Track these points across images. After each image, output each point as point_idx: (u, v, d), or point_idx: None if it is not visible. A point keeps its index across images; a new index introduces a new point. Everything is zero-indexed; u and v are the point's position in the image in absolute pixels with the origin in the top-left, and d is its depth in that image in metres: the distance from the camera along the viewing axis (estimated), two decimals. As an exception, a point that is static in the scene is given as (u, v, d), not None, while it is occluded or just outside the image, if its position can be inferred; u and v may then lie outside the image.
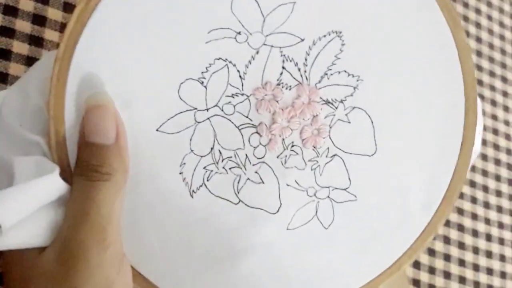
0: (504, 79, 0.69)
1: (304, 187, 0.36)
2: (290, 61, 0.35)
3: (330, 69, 0.36)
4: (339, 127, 0.36)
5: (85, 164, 0.32)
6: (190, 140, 0.34)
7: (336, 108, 0.36)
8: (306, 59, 0.35)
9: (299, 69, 0.35)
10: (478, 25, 0.68)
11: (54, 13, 0.46)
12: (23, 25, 0.45)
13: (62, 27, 0.46)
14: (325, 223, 0.37)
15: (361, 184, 0.37)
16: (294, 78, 0.35)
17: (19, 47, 0.44)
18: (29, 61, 0.44)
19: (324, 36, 0.35)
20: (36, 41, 0.45)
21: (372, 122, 0.37)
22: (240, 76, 0.35)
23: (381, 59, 0.36)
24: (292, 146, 0.36)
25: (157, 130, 0.34)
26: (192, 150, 0.34)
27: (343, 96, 0.36)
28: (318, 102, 0.36)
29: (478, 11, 0.69)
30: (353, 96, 0.36)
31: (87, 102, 0.32)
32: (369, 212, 0.37)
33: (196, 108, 0.34)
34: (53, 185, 0.31)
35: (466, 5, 0.68)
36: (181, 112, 0.34)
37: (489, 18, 0.70)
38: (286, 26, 0.35)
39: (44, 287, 0.31)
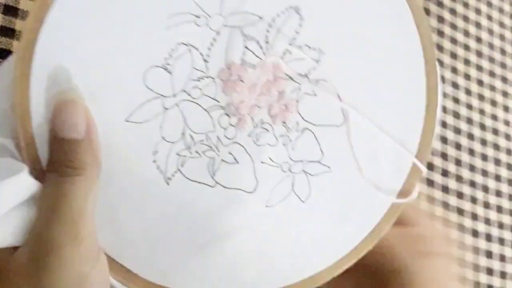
0: (504, 79, 0.70)
1: (278, 163, 0.37)
2: (251, 40, 0.35)
3: (291, 45, 0.36)
4: (306, 101, 0.37)
5: (57, 160, 0.32)
6: (160, 127, 0.34)
7: (301, 82, 0.37)
8: (266, 37, 0.36)
9: (261, 47, 0.36)
10: (478, 25, 0.69)
11: None
12: (23, 25, 0.44)
13: None
14: (302, 197, 0.37)
15: (333, 154, 0.37)
16: (257, 56, 0.36)
17: None
18: None
19: (282, 12, 0.36)
20: None
21: (337, 92, 0.37)
22: (203, 59, 0.35)
23: (340, 30, 0.37)
24: (262, 123, 0.36)
25: (126, 121, 0.34)
26: (163, 138, 0.34)
27: (307, 69, 0.37)
28: (282, 78, 0.36)
29: (478, 11, 0.70)
30: (316, 69, 0.37)
31: (55, 99, 0.32)
32: (343, 181, 0.38)
33: (163, 95, 0.34)
34: (23, 184, 0.31)
35: (466, 5, 0.68)
36: (148, 101, 0.34)
37: (489, 18, 0.71)
38: (244, 6, 0.35)
39: (17, 286, 0.30)
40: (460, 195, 0.61)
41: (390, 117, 0.38)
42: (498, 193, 0.65)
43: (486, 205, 0.63)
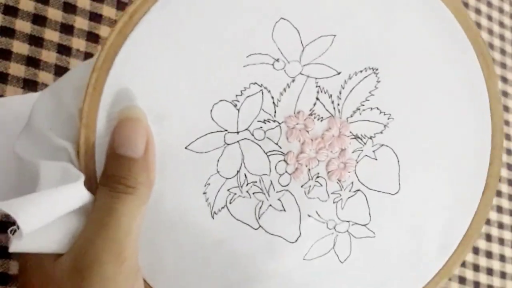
0: (504, 79, 0.69)
1: (324, 219, 0.36)
2: (325, 93, 0.35)
3: (363, 105, 0.36)
4: (365, 163, 0.36)
5: (111, 175, 0.32)
6: (218, 161, 0.34)
7: (365, 144, 0.36)
8: (340, 93, 0.35)
9: (332, 102, 0.35)
10: (478, 25, 0.68)
11: (54, 13, 0.46)
12: (23, 25, 0.45)
13: (62, 27, 0.46)
14: (341, 257, 0.37)
15: (381, 221, 0.37)
16: (326, 110, 0.35)
17: (19, 47, 0.44)
18: (29, 61, 0.44)
19: (361, 71, 0.35)
20: (36, 41, 0.45)
21: (398, 161, 0.37)
22: (273, 103, 0.35)
23: (414, 100, 0.36)
24: (317, 177, 0.36)
25: (185, 148, 0.34)
26: (218, 171, 0.34)
27: (373, 132, 0.36)
28: (347, 136, 0.36)
29: (478, 11, 0.69)
30: (382, 133, 0.36)
31: (120, 114, 0.32)
32: (385, 249, 0.37)
33: (226, 130, 0.34)
34: (76, 193, 0.31)
35: (466, 5, 0.68)
36: (211, 132, 0.34)
37: (489, 18, 0.70)
38: (324, 58, 0.35)
39: None
40: None
41: (445, 195, 0.38)
42: (498, 193, 0.64)
43: None
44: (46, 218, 0.30)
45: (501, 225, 0.63)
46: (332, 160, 0.36)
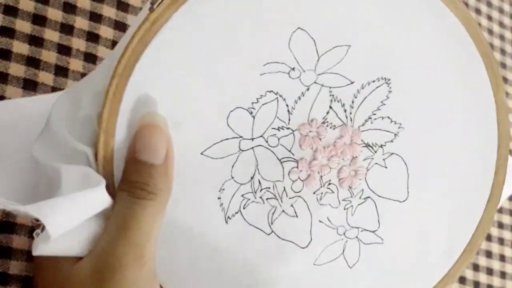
0: (504, 79, 0.69)
1: (335, 225, 0.37)
2: (338, 101, 0.36)
3: (375, 114, 0.37)
4: (375, 171, 0.37)
5: (131, 180, 0.32)
6: (232, 167, 0.35)
7: (375, 152, 0.37)
8: (353, 102, 0.36)
9: (345, 110, 0.36)
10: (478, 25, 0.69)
11: (54, 13, 0.46)
12: (23, 25, 0.45)
13: (62, 27, 0.46)
14: (350, 262, 0.38)
15: (389, 228, 0.38)
16: (339, 118, 0.36)
17: (19, 47, 0.44)
18: (29, 61, 0.44)
19: (373, 81, 0.36)
20: (36, 41, 0.45)
21: (407, 170, 0.38)
22: (288, 111, 0.35)
23: (424, 110, 0.37)
24: (329, 184, 0.37)
25: (201, 154, 0.34)
26: (232, 177, 0.35)
27: (384, 141, 0.37)
28: (359, 144, 0.37)
29: (478, 11, 0.69)
30: (393, 142, 0.37)
31: (142, 119, 0.32)
32: (392, 256, 0.38)
33: (242, 137, 0.35)
34: (99, 198, 0.31)
35: (466, 5, 0.68)
36: (227, 139, 0.35)
37: (489, 18, 0.70)
38: (338, 68, 0.36)
39: None
40: None
41: (451, 204, 0.39)
42: None
43: None
44: (72, 222, 0.30)
45: (501, 225, 0.63)
46: (343, 168, 0.37)
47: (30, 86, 0.44)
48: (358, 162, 0.37)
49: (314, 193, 0.36)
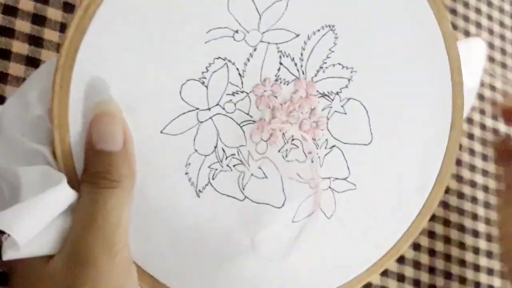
0: (504, 79, 0.70)
1: (306, 179, 0.37)
2: (287, 56, 0.36)
3: (325, 63, 0.37)
4: (336, 119, 0.37)
5: (93, 171, 0.32)
6: (194, 140, 0.35)
7: (332, 100, 0.37)
8: (302, 54, 0.36)
9: (295, 64, 0.36)
10: (478, 25, 0.69)
11: (54, 13, 0.45)
12: (23, 25, 0.44)
13: (62, 27, 0.45)
14: (327, 213, 0.38)
15: (360, 172, 0.38)
16: (291, 73, 0.36)
17: (19, 47, 0.44)
18: (29, 61, 0.44)
19: (318, 30, 0.36)
20: (36, 41, 0.44)
21: (367, 112, 0.38)
22: (239, 74, 0.35)
23: (373, 51, 0.37)
24: (292, 139, 0.37)
25: (161, 132, 0.34)
26: (196, 150, 0.35)
27: (339, 88, 0.37)
28: (315, 95, 0.37)
29: (478, 11, 0.69)
30: (348, 87, 0.37)
31: (94, 109, 0.32)
32: (367, 199, 0.38)
33: (198, 108, 0.34)
34: (62, 195, 0.31)
35: (466, 5, 0.68)
36: (183, 113, 0.34)
37: (490, 18, 0.70)
38: (282, 23, 0.35)
39: None
40: (460, 195, 0.61)
41: (415, 138, 0.39)
42: (499, 192, 0.64)
43: (486, 205, 0.63)
44: (39, 226, 0.30)
45: None
46: (304, 121, 0.37)
47: (30, 86, 0.44)
48: (317, 113, 0.37)
49: (279, 151, 0.36)
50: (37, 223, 0.29)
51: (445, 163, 0.40)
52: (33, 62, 0.44)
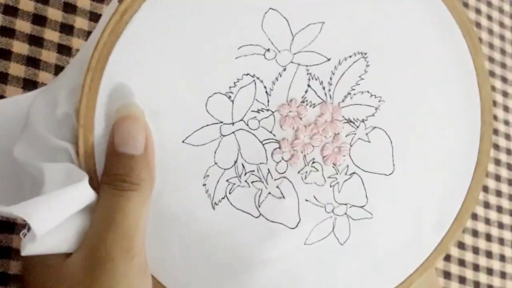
0: (504, 79, 0.69)
1: (322, 203, 0.37)
2: (316, 79, 0.36)
3: (354, 89, 0.37)
4: (359, 146, 0.37)
5: (113, 173, 0.32)
6: (215, 152, 0.35)
7: (357, 127, 0.37)
8: (331, 78, 0.36)
9: (323, 88, 0.36)
10: (478, 25, 0.69)
11: (54, 13, 0.46)
12: (23, 25, 0.45)
13: (62, 27, 0.46)
14: (341, 239, 0.38)
15: (377, 202, 0.38)
16: (318, 96, 0.36)
17: (19, 47, 0.44)
18: (29, 61, 0.44)
19: (350, 56, 0.36)
20: (36, 41, 0.45)
21: (391, 142, 0.38)
22: (266, 92, 0.35)
23: (403, 82, 0.37)
24: (313, 162, 0.37)
25: (183, 142, 0.34)
26: (216, 163, 0.35)
27: (365, 116, 0.37)
28: (340, 121, 0.37)
29: (478, 11, 0.69)
30: (374, 116, 0.37)
31: (118, 112, 0.33)
32: (383, 230, 0.38)
33: (222, 122, 0.35)
34: (83, 193, 0.31)
35: (466, 5, 0.68)
36: (207, 125, 0.35)
37: (489, 18, 0.70)
38: (314, 45, 0.35)
39: None
40: None
41: (438, 174, 0.39)
42: (498, 193, 0.65)
43: (486, 205, 0.63)
44: (57, 219, 0.30)
45: (501, 225, 0.63)
46: (326, 145, 0.37)
47: (30, 86, 0.45)
48: (340, 139, 0.37)
49: (298, 172, 0.36)
50: (55, 216, 0.30)
51: (466, 202, 0.39)
52: (33, 62, 0.44)
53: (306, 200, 0.37)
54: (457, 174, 0.39)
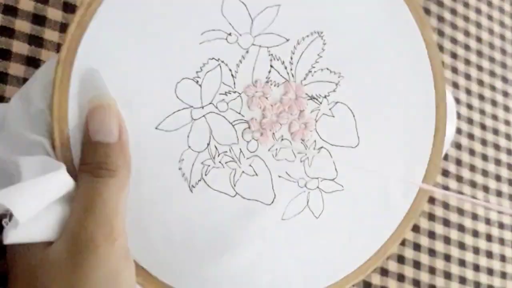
0: (504, 79, 0.70)
1: (295, 178, 0.38)
2: (277, 60, 0.38)
3: (314, 67, 0.38)
4: (324, 121, 0.39)
5: (90, 161, 0.33)
6: (188, 137, 0.36)
7: (321, 103, 0.39)
8: (291, 58, 0.38)
9: (285, 67, 0.38)
10: (478, 25, 0.70)
11: (54, 13, 0.46)
12: (23, 25, 0.45)
13: (62, 27, 0.46)
14: (316, 213, 0.39)
15: (347, 174, 0.39)
16: (281, 75, 0.38)
17: (19, 47, 0.44)
18: (29, 61, 0.45)
19: (307, 36, 0.38)
20: (36, 41, 0.45)
21: (353, 116, 0.39)
22: (232, 75, 0.37)
23: (359, 57, 0.39)
24: (282, 139, 0.38)
25: (156, 128, 0.35)
26: (189, 146, 0.36)
27: (327, 92, 0.39)
28: (304, 98, 0.38)
29: (478, 11, 0.70)
30: (335, 91, 0.39)
31: (91, 102, 0.33)
32: (355, 200, 0.40)
33: (192, 106, 0.36)
34: (61, 180, 0.32)
35: (466, 5, 0.69)
36: (178, 110, 0.36)
37: (490, 18, 0.71)
38: (272, 27, 0.37)
39: (53, 279, 0.31)
40: (460, 195, 0.61)
41: (401, 143, 0.41)
42: (498, 193, 0.65)
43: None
44: (38, 206, 0.31)
45: (501, 225, 0.64)
46: (293, 122, 0.38)
47: (30, 86, 0.44)
48: (306, 115, 0.38)
49: (269, 150, 0.38)
50: (36, 203, 0.30)
51: (429, 169, 0.41)
52: (33, 62, 0.45)
53: (279, 176, 0.38)
54: (418, 142, 0.41)
